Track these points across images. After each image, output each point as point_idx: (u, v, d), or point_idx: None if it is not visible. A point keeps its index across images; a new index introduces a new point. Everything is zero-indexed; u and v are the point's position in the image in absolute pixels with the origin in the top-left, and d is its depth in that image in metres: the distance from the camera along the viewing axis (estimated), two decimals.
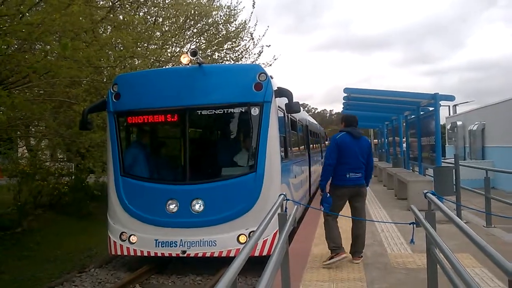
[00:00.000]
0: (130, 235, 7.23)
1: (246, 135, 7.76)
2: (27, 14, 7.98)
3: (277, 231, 5.97)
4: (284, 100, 7.39)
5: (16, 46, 8.71)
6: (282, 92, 7.33)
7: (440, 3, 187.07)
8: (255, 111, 7.07)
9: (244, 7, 17.77)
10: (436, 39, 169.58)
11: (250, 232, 6.71)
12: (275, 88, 7.31)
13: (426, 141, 11.74)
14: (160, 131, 9.07)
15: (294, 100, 7.37)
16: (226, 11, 17.43)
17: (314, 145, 16.11)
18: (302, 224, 9.01)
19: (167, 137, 9.36)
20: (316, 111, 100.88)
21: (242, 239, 6.81)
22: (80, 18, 9.32)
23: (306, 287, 5.28)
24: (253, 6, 17.78)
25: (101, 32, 12.82)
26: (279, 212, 4.57)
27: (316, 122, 18.06)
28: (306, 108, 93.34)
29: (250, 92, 7.09)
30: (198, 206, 6.97)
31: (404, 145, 16.38)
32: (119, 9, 12.90)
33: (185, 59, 7.23)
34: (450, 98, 10.32)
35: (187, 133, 7.47)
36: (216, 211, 6.91)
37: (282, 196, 4.72)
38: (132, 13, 13.90)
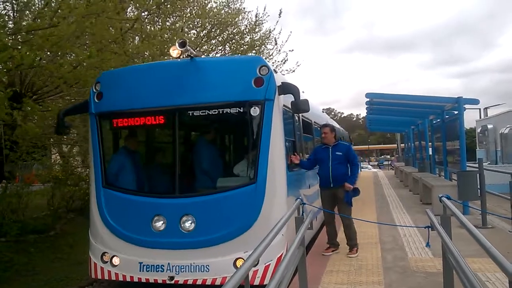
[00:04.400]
0: (113, 256, 6.34)
1: (244, 140, 7.01)
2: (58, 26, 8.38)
3: (282, 255, 5.54)
4: (292, 98, 6.34)
5: (49, 58, 9.17)
6: (287, 88, 6.27)
7: (468, 1, 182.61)
8: (255, 110, 6.02)
9: (268, 15, 17.89)
10: (466, 39, 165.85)
11: None
12: (278, 83, 6.21)
13: (451, 145, 11.62)
14: (146, 136, 8.07)
15: (303, 98, 6.36)
16: (251, 20, 17.74)
17: None
18: (322, 231, 9.06)
19: (154, 143, 8.38)
20: (342, 115, 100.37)
21: (240, 263, 5.45)
22: (111, 29, 9.75)
23: None
24: (279, 15, 17.99)
25: (129, 42, 13.27)
26: (295, 216, 4.70)
27: (337, 125, 17.68)
28: (332, 113, 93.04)
29: (250, 88, 6.04)
30: (188, 223, 5.95)
31: (430, 149, 16.18)
32: (146, 20, 13.34)
33: (174, 52, 6.25)
34: (474, 101, 10.23)
35: (176, 138, 6.45)
36: (209, 229, 5.88)
37: (299, 200, 4.86)
38: (160, 24, 14.40)
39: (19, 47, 7.37)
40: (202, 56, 6.92)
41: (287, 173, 6.28)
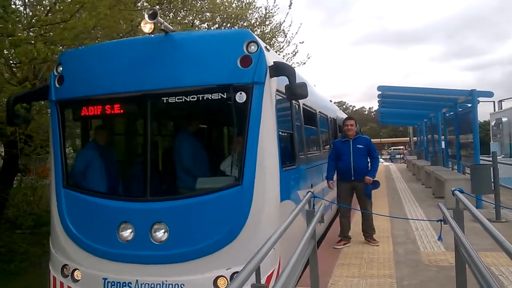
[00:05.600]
0: (74, 270, 5.31)
1: (228, 132, 6.17)
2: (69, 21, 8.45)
3: (273, 271, 4.81)
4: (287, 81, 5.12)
5: (62, 51, 9.27)
6: (280, 69, 5.09)
7: None
8: (241, 96, 4.90)
9: (279, 8, 17.80)
10: (479, 31, 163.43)
11: (233, 274, 4.63)
12: (270, 63, 5.04)
13: (465, 138, 11.50)
14: (113, 127, 6.83)
15: (300, 81, 5.09)
16: (262, 13, 17.67)
17: None
18: (333, 224, 9.06)
19: (123, 135, 7.23)
20: (354, 109, 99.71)
21: (221, 283, 4.74)
22: (121, 22, 9.80)
23: (336, 283, 5.39)
24: (289, 7, 17.88)
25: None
26: (306, 209, 4.68)
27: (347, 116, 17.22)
28: (343, 106, 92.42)
29: (235, 69, 4.94)
30: (160, 233, 4.94)
31: (443, 142, 16.05)
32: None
33: (146, 27, 5.03)
34: (488, 94, 10.11)
35: (148, 130, 5.33)
36: (185, 241, 4.88)
37: (310, 193, 4.84)
38: (171, 17, 14.43)
39: (32, 41, 7.45)
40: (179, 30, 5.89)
41: (280, 172, 5.19)
